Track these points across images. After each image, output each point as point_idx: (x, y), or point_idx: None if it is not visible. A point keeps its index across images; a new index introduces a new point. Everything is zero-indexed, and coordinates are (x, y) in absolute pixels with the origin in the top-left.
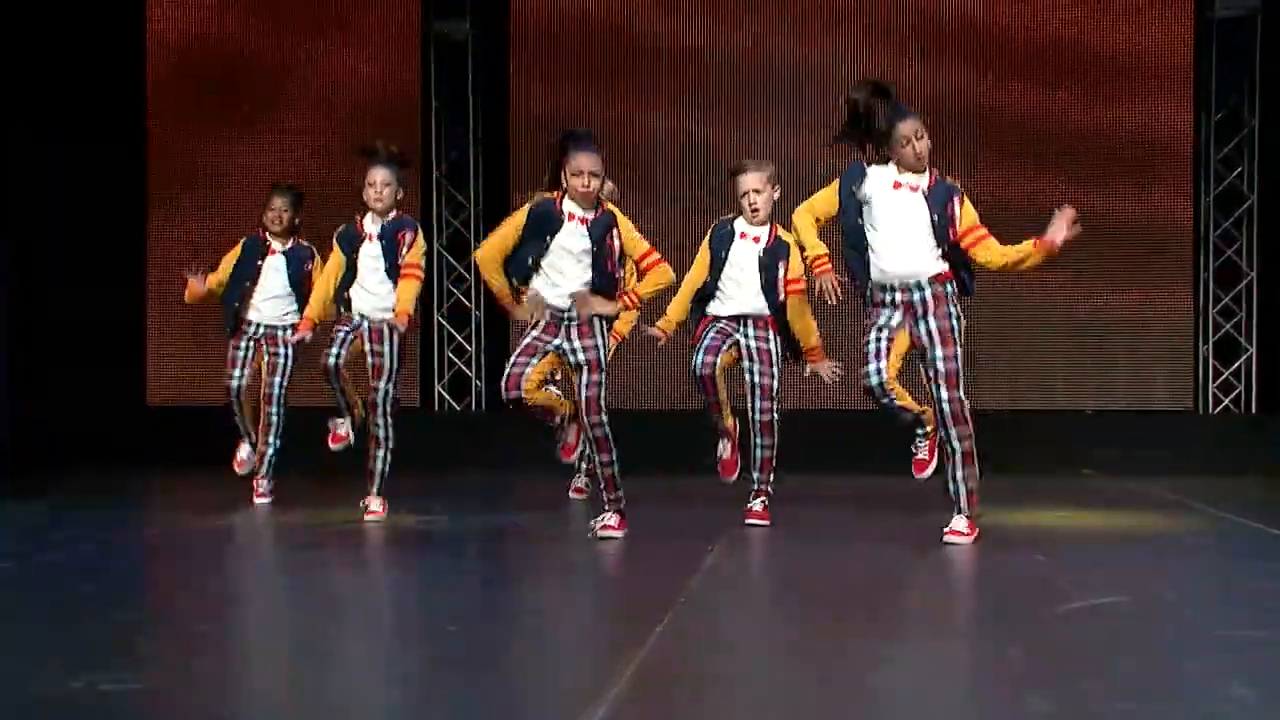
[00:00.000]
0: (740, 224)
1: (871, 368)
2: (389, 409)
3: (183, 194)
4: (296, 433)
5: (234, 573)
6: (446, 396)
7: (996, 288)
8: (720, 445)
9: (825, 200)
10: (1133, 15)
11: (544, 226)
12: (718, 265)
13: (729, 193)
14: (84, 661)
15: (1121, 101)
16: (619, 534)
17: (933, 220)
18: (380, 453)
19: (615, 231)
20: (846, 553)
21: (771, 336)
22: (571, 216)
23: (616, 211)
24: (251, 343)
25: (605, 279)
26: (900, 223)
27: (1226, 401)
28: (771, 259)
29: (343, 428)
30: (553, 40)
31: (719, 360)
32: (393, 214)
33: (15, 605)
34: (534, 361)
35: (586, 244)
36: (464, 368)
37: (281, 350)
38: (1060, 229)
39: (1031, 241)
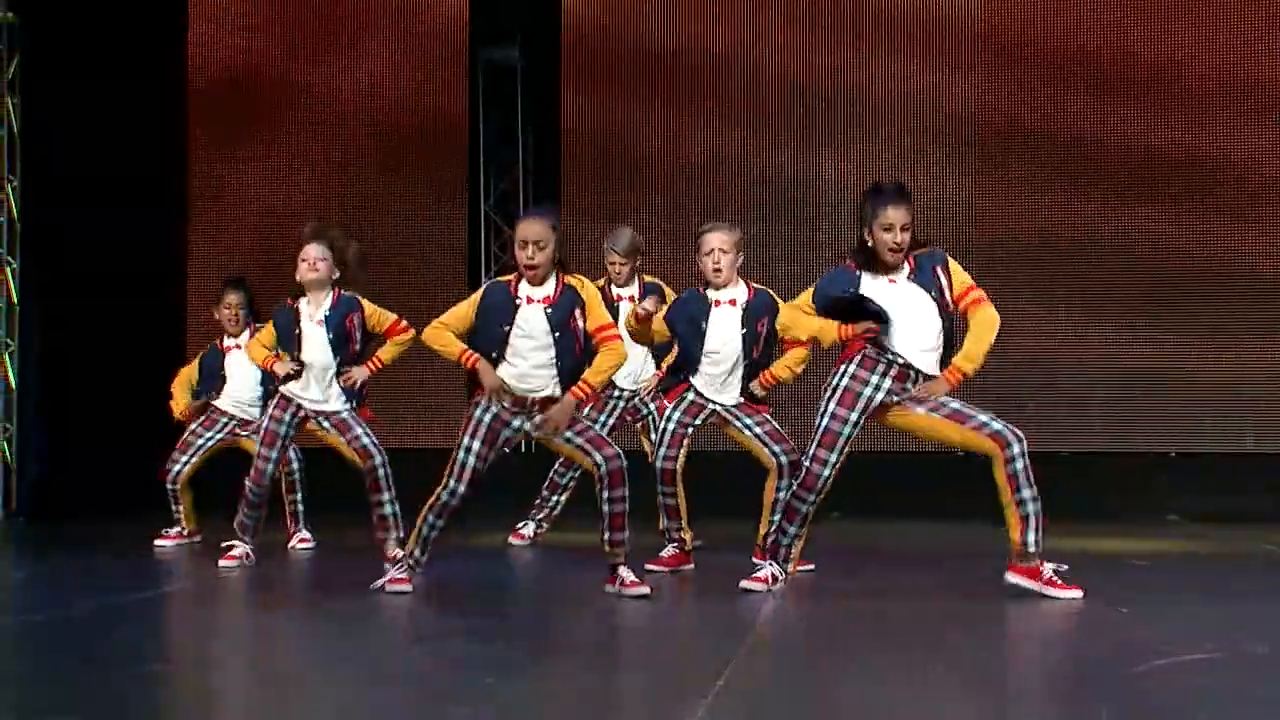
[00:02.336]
0: (711, 292)
1: (831, 458)
2: (390, 482)
3: (224, 233)
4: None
5: (264, 628)
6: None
7: (1072, 324)
8: (668, 548)
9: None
10: (1229, 41)
11: (498, 315)
12: (697, 336)
13: (780, 215)
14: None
15: (1218, 132)
16: (644, 589)
17: (932, 297)
18: (395, 535)
19: (579, 311)
20: (914, 606)
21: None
22: (531, 300)
23: (581, 285)
24: (220, 434)
25: (572, 362)
26: (904, 316)
27: None
28: (753, 313)
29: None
30: (605, 65)
31: (681, 454)
32: (329, 297)
33: (39, 661)
34: (493, 456)
35: (546, 328)
36: None
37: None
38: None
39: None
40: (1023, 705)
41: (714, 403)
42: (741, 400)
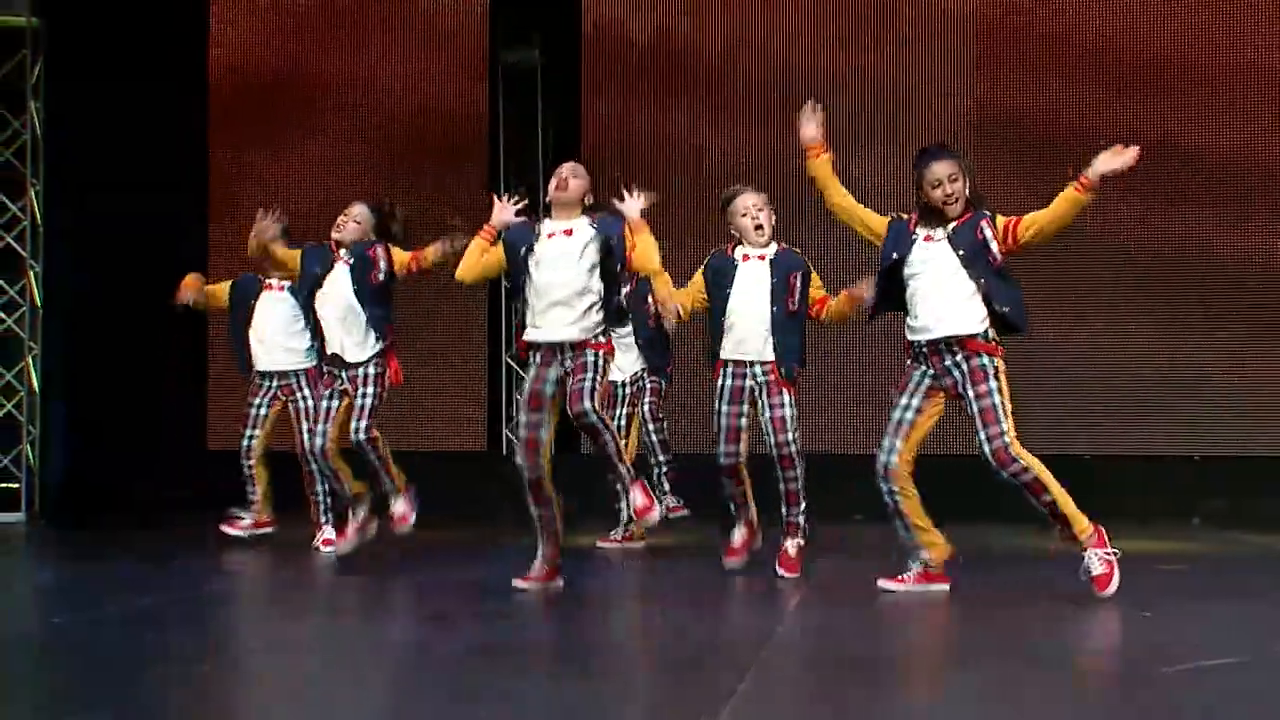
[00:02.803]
0: (741, 249)
1: (886, 443)
2: (376, 439)
3: (244, 232)
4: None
5: (288, 629)
6: (515, 440)
7: (1094, 326)
8: (735, 531)
9: (869, 219)
10: (1256, 38)
11: (521, 242)
12: (722, 299)
13: (801, 214)
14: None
15: (1246, 132)
16: (654, 515)
17: (960, 256)
18: (389, 482)
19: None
20: (934, 608)
21: (774, 373)
22: (551, 235)
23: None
24: (268, 399)
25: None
26: (933, 277)
27: None
28: (782, 267)
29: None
30: (625, 66)
31: (741, 447)
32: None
33: (70, 663)
34: (546, 417)
35: (575, 254)
36: None
37: (300, 396)
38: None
39: (1071, 186)
40: (1046, 709)
41: (749, 372)
42: (778, 368)
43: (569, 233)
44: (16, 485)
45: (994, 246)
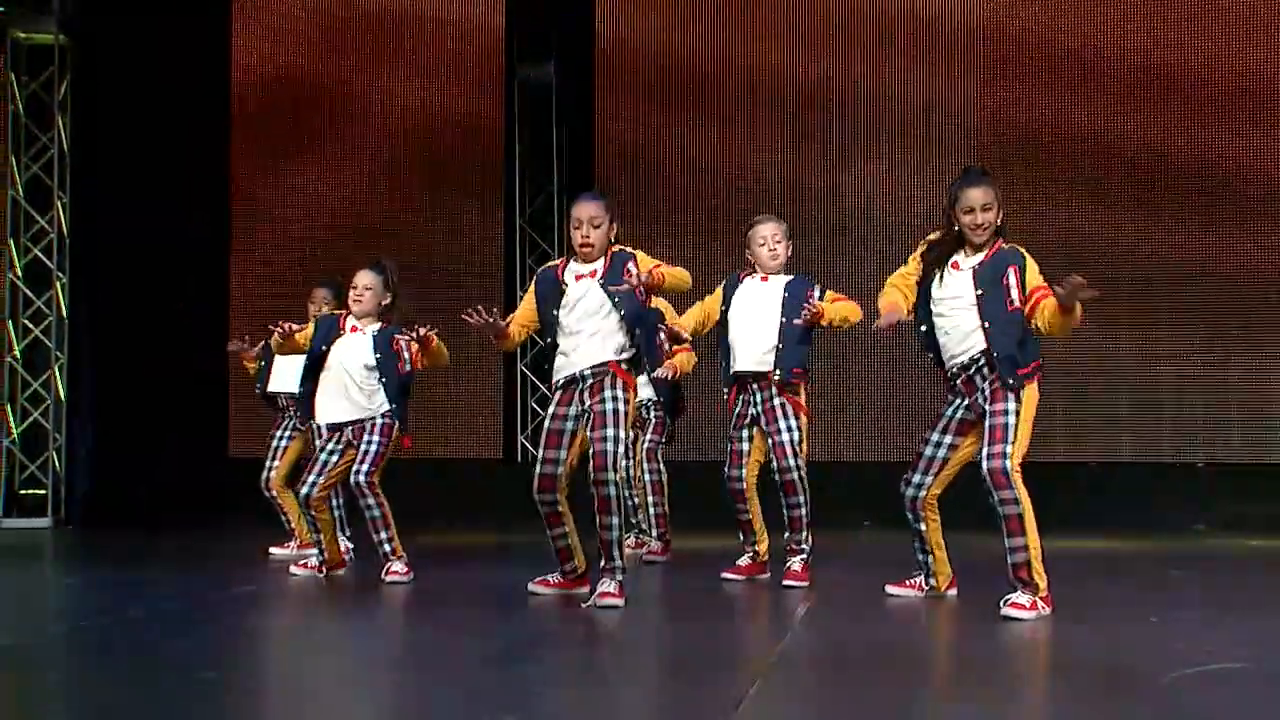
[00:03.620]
0: (753, 274)
1: (916, 479)
2: (376, 487)
3: (265, 245)
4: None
5: (307, 636)
6: (530, 448)
7: (1101, 335)
8: (742, 558)
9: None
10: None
11: (548, 296)
12: (724, 318)
13: (815, 227)
14: None
15: (1253, 141)
16: (619, 602)
17: (977, 294)
18: (385, 534)
19: (632, 265)
20: (943, 616)
21: (775, 394)
22: (579, 276)
23: (626, 248)
24: (289, 432)
25: (636, 317)
26: (952, 311)
27: None
28: (796, 285)
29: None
30: (638, 81)
31: (745, 471)
32: (378, 324)
33: (95, 666)
34: (563, 454)
35: (602, 297)
36: None
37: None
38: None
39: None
40: (1051, 713)
41: (751, 399)
42: (781, 383)
43: (595, 274)
44: (44, 491)
45: (1015, 294)
